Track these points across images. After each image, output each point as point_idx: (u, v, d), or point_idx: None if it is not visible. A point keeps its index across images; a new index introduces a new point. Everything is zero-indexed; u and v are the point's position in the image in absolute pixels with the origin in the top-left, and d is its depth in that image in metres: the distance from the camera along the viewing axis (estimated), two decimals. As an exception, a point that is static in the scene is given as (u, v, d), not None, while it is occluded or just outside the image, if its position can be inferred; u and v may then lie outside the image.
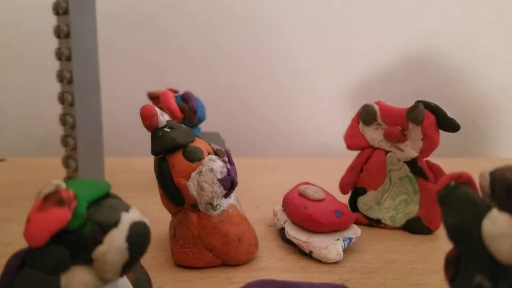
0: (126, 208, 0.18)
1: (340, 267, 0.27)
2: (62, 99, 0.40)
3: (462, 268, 0.17)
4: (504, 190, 0.18)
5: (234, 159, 0.27)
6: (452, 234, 0.17)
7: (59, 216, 0.16)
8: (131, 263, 0.17)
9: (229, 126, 0.62)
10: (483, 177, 0.19)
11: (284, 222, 0.30)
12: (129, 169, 0.49)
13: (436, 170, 0.32)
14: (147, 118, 0.26)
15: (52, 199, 0.16)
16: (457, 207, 0.18)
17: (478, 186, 0.19)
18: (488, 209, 0.17)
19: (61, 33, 0.38)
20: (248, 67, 0.67)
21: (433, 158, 0.32)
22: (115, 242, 0.17)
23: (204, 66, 0.66)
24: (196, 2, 0.65)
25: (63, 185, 0.17)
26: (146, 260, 0.26)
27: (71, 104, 0.39)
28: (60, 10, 0.38)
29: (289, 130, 0.68)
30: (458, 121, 0.30)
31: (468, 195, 0.18)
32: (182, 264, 0.26)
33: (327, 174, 0.39)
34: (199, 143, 0.27)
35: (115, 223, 0.17)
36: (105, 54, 0.50)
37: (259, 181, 0.46)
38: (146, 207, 0.34)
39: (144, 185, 0.43)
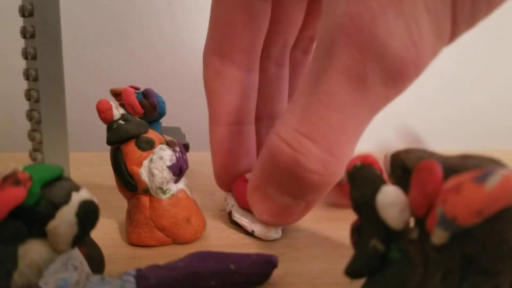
0: (77, 188, 0.20)
1: (278, 243, 0.30)
2: (28, 95, 0.42)
3: (362, 234, 0.21)
4: (399, 168, 0.21)
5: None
6: (354, 206, 0.21)
7: (16, 194, 0.19)
8: (81, 236, 0.20)
9: (190, 122, 0.64)
10: (386, 159, 0.22)
11: (232, 206, 0.33)
12: (94, 162, 0.51)
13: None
14: (102, 112, 0.28)
15: (10, 179, 0.19)
16: (359, 184, 0.21)
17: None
18: (384, 184, 0.20)
19: (27, 34, 0.40)
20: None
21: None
22: (65, 217, 0.19)
23: (168, 63, 0.69)
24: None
25: (20, 168, 0.20)
26: (104, 241, 0.29)
27: (37, 100, 0.41)
28: (26, 12, 0.40)
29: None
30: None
31: (369, 174, 0.21)
32: (136, 243, 0.29)
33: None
34: (151, 134, 0.29)
35: (66, 201, 0.20)
36: (72, 55, 0.52)
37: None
38: (107, 196, 0.37)
39: (107, 176, 0.45)
